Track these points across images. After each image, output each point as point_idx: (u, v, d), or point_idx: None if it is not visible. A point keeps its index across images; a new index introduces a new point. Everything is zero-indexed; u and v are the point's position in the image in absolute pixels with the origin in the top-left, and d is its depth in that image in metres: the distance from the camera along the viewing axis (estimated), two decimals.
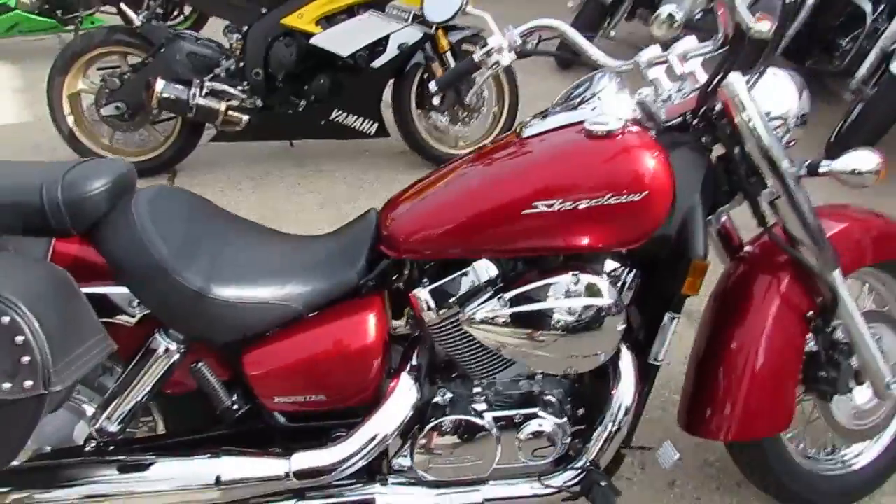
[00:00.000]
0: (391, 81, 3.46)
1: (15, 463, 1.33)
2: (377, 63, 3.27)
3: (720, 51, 1.42)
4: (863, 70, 3.62)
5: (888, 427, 1.86)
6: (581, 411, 1.57)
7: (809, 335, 1.65)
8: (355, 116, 3.42)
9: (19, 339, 1.13)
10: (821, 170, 1.51)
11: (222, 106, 3.26)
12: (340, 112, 3.40)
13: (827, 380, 1.66)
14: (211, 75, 3.26)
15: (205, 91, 3.23)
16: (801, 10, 3.89)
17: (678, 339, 1.56)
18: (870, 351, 1.65)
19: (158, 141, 3.49)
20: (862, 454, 1.86)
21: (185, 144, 3.45)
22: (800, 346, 1.63)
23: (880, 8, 3.97)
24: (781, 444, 1.72)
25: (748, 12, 1.29)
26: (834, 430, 1.78)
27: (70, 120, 3.42)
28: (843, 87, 3.99)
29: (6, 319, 1.12)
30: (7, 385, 1.13)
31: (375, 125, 3.47)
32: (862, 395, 1.75)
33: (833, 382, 1.65)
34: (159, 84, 3.15)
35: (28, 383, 1.14)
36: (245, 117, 3.32)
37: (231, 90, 3.28)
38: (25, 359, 1.13)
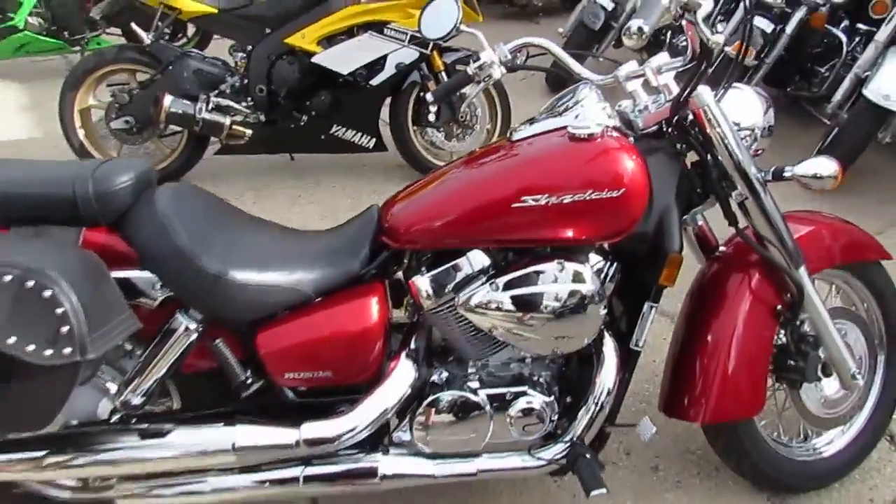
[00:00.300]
0: (389, 99, 3.62)
1: (48, 430, 1.45)
2: (375, 81, 3.43)
3: (689, 65, 1.58)
4: (838, 95, 3.80)
5: (856, 418, 2.00)
6: (567, 392, 1.70)
7: (779, 328, 1.79)
8: (354, 131, 3.58)
9: (59, 310, 1.26)
10: (785, 174, 1.67)
11: (227, 120, 3.40)
12: (340, 127, 3.55)
13: (795, 368, 1.80)
14: (216, 91, 3.42)
15: (210, 106, 3.37)
16: (779, 40, 4.06)
17: (661, 338, 1.70)
18: (835, 343, 1.78)
19: (165, 154, 3.63)
20: (832, 443, 1.98)
21: (191, 157, 3.59)
22: (769, 337, 1.77)
23: (856, 39, 4.16)
24: (755, 429, 1.84)
25: (706, 27, 1.44)
26: (804, 419, 1.91)
27: (81, 133, 3.57)
28: (821, 112, 4.17)
29: (48, 293, 1.25)
30: (48, 352, 1.25)
31: (374, 140, 3.63)
32: (830, 386, 1.88)
33: (801, 371, 1.79)
34: (167, 99, 3.30)
35: (67, 350, 1.26)
36: (248, 131, 3.47)
37: (235, 105, 3.43)
38: (65, 328, 1.26)
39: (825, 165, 1.62)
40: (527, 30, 6.53)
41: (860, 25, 4.14)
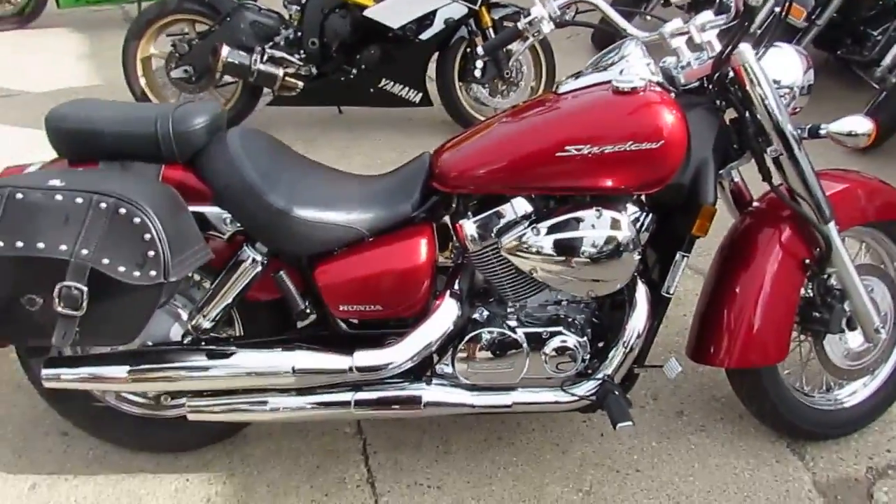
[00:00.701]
0: (436, 54, 3.69)
1: (130, 346, 1.62)
2: (424, 35, 3.51)
3: (732, 23, 1.63)
4: (888, 59, 3.75)
5: (879, 372, 2.07)
6: (600, 334, 1.81)
7: (806, 281, 1.87)
8: (402, 86, 3.67)
9: (147, 236, 1.41)
10: (821, 132, 1.72)
11: (280, 72, 3.52)
12: (388, 81, 3.65)
13: (820, 320, 1.88)
14: (271, 43, 3.53)
15: (265, 58, 3.49)
16: (831, 1, 4.00)
17: (693, 293, 1.76)
18: (860, 297, 1.86)
19: (220, 103, 3.78)
20: (854, 394, 2.06)
21: (245, 107, 3.74)
22: (796, 288, 1.85)
23: None
24: (778, 377, 1.92)
25: None
26: (826, 370, 1.99)
27: (142, 81, 3.74)
28: (870, 76, 4.11)
29: (137, 220, 1.40)
30: (137, 273, 1.41)
31: (420, 95, 3.72)
32: (854, 339, 1.96)
33: (826, 322, 1.87)
34: (224, 50, 3.43)
35: (152, 273, 1.41)
36: (300, 83, 3.59)
37: (289, 57, 3.54)
38: (151, 252, 1.41)
39: (859, 123, 1.67)
40: None
41: None
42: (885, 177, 2.01)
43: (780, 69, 1.72)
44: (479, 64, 3.61)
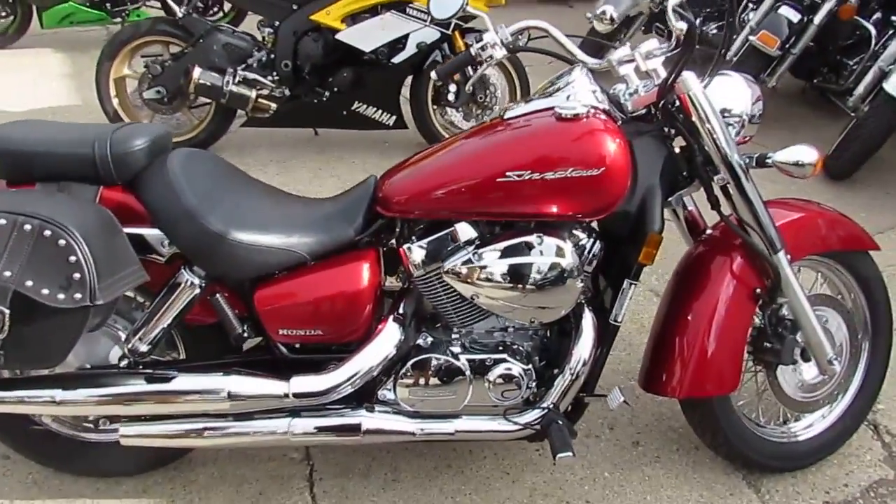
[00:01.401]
0: (410, 78, 3.70)
1: (62, 369, 1.59)
2: (397, 59, 3.53)
3: (676, 50, 1.64)
4: (861, 88, 3.78)
5: (837, 405, 2.05)
6: (546, 362, 1.78)
7: (758, 311, 1.85)
8: (375, 108, 3.68)
9: (72, 258, 1.39)
10: (767, 161, 1.72)
11: (253, 94, 3.53)
12: (361, 104, 3.66)
13: (772, 350, 1.86)
14: (244, 65, 3.54)
15: (238, 79, 3.50)
16: (806, 30, 4.03)
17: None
18: (813, 327, 1.84)
19: (193, 124, 3.78)
20: (811, 426, 2.04)
21: (218, 128, 3.74)
22: (747, 318, 1.83)
23: (889, 31, 4.10)
24: (731, 407, 1.90)
25: (673, 16, 1.52)
26: (780, 401, 1.97)
27: (115, 102, 3.74)
28: (845, 104, 4.14)
29: (62, 242, 1.38)
30: (61, 296, 1.39)
31: (394, 118, 3.73)
32: (808, 371, 1.94)
33: (777, 353, 1.85)
34: (197, 71, 3.44)
35: (77, 296, 1.39)
36: (273, 105, 3.60)
37: (262, 79, 3.55)
38: (76, 275, 1.39)
39: (806, 153, 1.67)
40: (558, 14, 6.53)
41: (895, 18, 4.09)
42: (857, 205, 2.00)
43: (728, 98, 1.73)
44: (453, 88, 3.62)
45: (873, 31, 4.05)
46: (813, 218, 1.91)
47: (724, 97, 1.71)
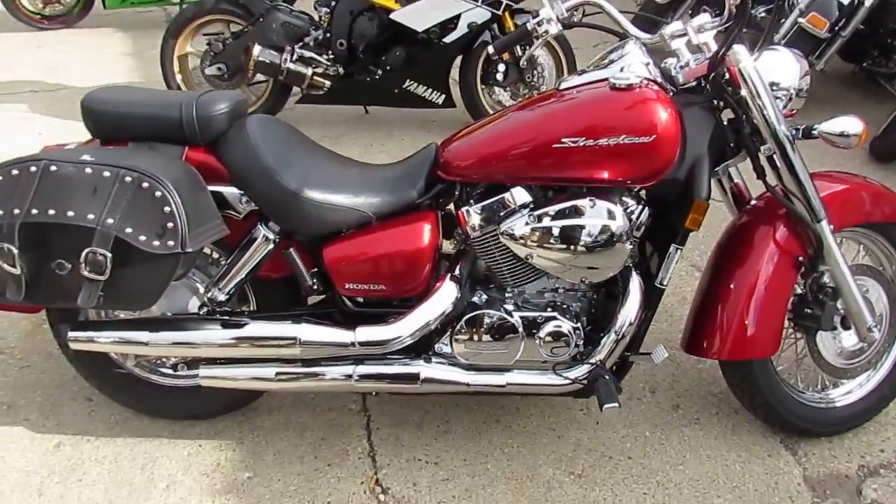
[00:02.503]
0: (460, 58, 3.80)
1: (149, 313, 1.75)
2: (448, 39, 3.62)
3: (728, 24, 1.71)
4: None
5: (876, 373, 2.11)
6: (594, 322, 1.88)
7: (800, 278, 1.92)
8: (425, 87, 3.79)
9: (167, 209, 1.53)
10: (813, 132, 1.78)
11: (309, 71, 3.66)
12: (412, 83, 3.77)
13: (812, 316, 1.93)
14: (301, 44, 3.68)
15: (295, 57, 3.64)
16: (857, 13, 4.01)
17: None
18: (853, 295, 1.90)
19: (251, 100, 3.93)
20: (850, 393, 2.10)
21: (275, 104, 3.89)
22: (789, 284, 1.90)
23: None
24: (770, 371, 1.97)
25: None
26: (819, 367, 2.03)
27: (178, 78, 3.92)
28: (894, 88, 4.12)
29: (158, 193, 1.52)
30: (156, 242, 1.53)
31: (443, 96, 3.83)
32: (848, 338, 2.00)
33: (817, 319, 1.92)
34: (256, 49, 3.58)
35: (170, 243, 1.53)
36: (328, 83, 3.73)
37: (317, 57, 3.68)
38: (170, 224, 1.53)
39: (851, 123, 1.72)
40: None
41: None
42: None
43: (776, 71, 1.78)
44: (501, 67, 3.71)
45: None
46: (857, 190, 1.96)
47: (773, 71, 1.77)
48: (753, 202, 1.97)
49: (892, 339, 2.09)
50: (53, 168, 1.53)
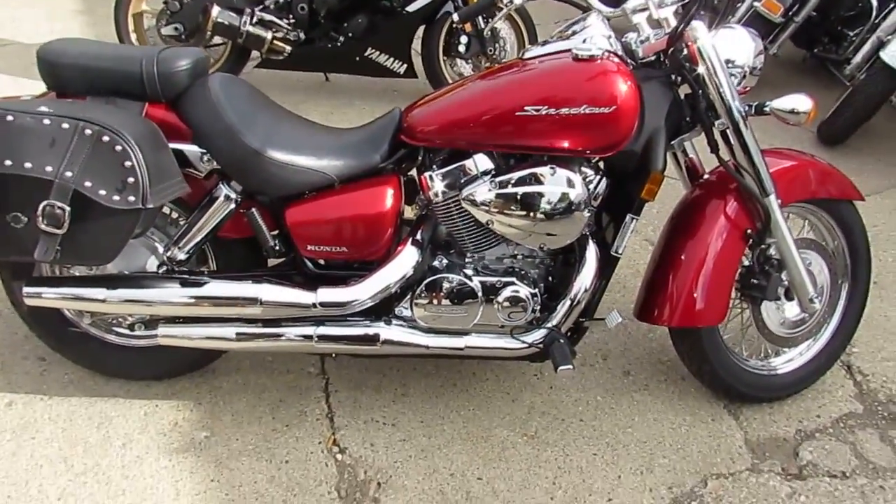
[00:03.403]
0: (423, 28, 3.78)
1: (108, 269, 1.73)
2: (411, 7, 3.60)
3: (687, 0, 1.75)
4: (858, 57, 3.89)
5: (815, 343, 2.21)
6: (551, 289, 1.93)
7: (747, 250, 2.00)
8: (387, 56, 3.77)
9: (127, 163, 1.51)
10: (765, 108, 1.84)
11: (269, 35, 3.61)
12: (374, 51, 3.75)
13: (758, 286, 2.02)
14: (261, 6, 3.61)
15: (255, 20, 3.58)
16: None
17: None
18: (797, 267, 1.99)
19: (209, 63, 3.84)
20: (790, 361, 2.20)
21: (233, 68, 3.81)
22: (737, 256, 1.98)
23: (891, 5, 4.20)
24: (717, 339, 2.05)
25: None
26: (763, 335, 2.13)
27: (133, 37, 3.81)
28: (842, 73, 4.25)
29: (119, 147, 1.51)
30: (116, 197, 1.51)
31: (405, 66, 3.81)
32: (791, 309, 2.10)
33: (763, 289, 2.01)
34: (215, 10, 3.51)
35: (131, 198, 1.52)
36: (288, 48, 3.68)
37: (278, 21, 3.63)
38: (130, 179, 1.51)
39: (801, 101, 1.79)
40: None
41: None
42: (848, 169, 2.14)
43: (733, 49, 1.84)
44: (464, 39, 3.71)
45: (874, 3, 4.14)
46: (804, 167, 2.04)
47: (729, 48, 1.82)
48: (706, 176, 2.04)
49: (831, 311, 2.20)
50: (10, 118, 1.49)
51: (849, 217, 2.14)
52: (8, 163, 1.48)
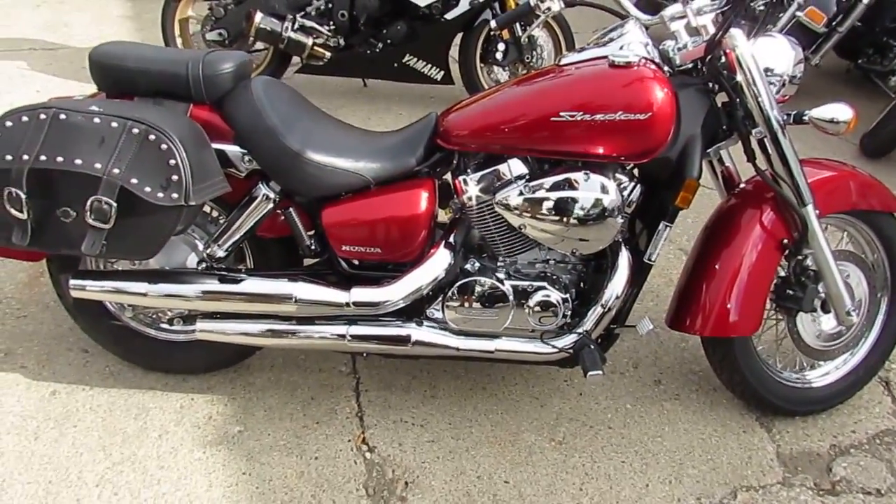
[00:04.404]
0: (460, 35, 3.82)
1: (150, 264, 1.78)
2: (450, 15, 3.65)
3: (727, 7, 1.75)
4: None
5: (852, 357, 2.18)
6: (583, 295, 1.93)
7: (784, 260, 1.98)
8: (425, 62, 3.82)
9: (172, 161, 1.56)
10: (804, 118, 1.83)
11: (309, 41, 3.68)
12: (412, 57, 3.80)
13: (794, 297, 1.99)
14: (302, 13, 3.69)
15: (296, 26, 3.65)
16: (854, 9, 4.06)
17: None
18: (834, 279, 1.96)
19: (252, 67, 3.93)
20: (826, 375, 2.17)
21: (275, 72, 3.89)
22: (773, 266, 1.96)
23: None
24: (750, 349, 2.03)
25: None
26: (798, 348, 2.10)
27: (178, 42, 3.93)
28: (888, 85, 4.18)
29: (164, 146, 1.56)
30: (160, 194, 1.56)
31: (442, 73, 3.86)
32: (827, 321, 2.07)
33: (799, 300, 1.99)
34: (258, 16, 3.59)
35: (174, 195, 1.57)
36: (328, 54, 3.75)
37: (319, 28, 3.70)
38: (175, 177, 1.56)
39: (841, 110, 1.77)
40: None
41: None
42: (891, 183, 2.10)
43: (772, 57, 1.83)
44: (501, 46, 3.74)
45: None
46: (844, 178, 2.01)
47: (768, 56, 1.81)
48: (742, 185, 2.03)
49: (869, 324, 2.16)
50: (63, 116, 1.55)
51: (889, 230, 2.10)
52: (60, 159, 1.54)
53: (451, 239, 1.89)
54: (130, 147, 1.55)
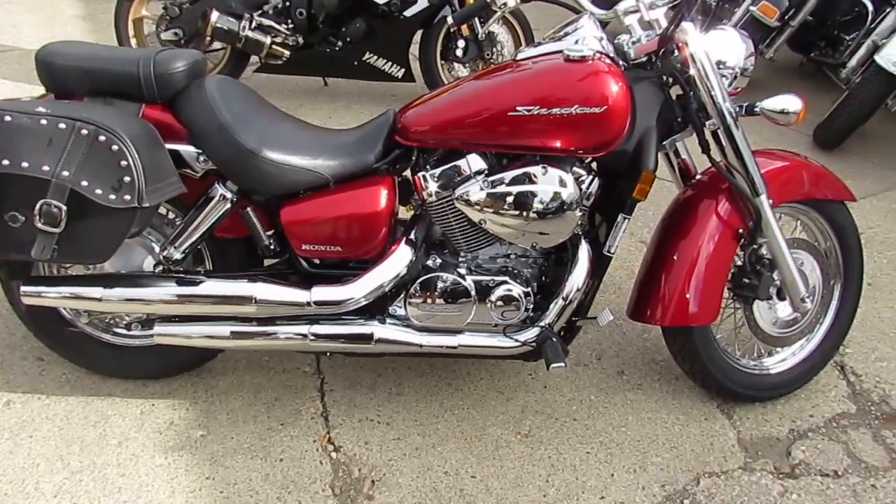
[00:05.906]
0: (420, 32, 3.81)
1: (103, 268, 1.75)
2: (409, 12, 3.64)
3: (678, 2, 1.77)
4: (853, 61, 3.92)
5: (807, 343, 2.23)
6: (544, 288, 1.94)
7: (739, 249, 2.02)
8: (385, 60, 3.80)
9: (123, 163, 1.53)
10: (755, 109, 1.86)
11: (267, 40, 3.64)
12: (372, 55, 3.78)
13: (750, 286, 2.03)
14: (260, 11, 3.65)
15: (253, 25, 3.61)
16: (805, 3, 4.16)
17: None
18: (789, 267, 2.00)
19: (208, 68, 3.87)
20: (783, 361, 2.21)
21: (233, 72, 3.84)
22: (729, 256, 1.99)
23: (887, 9, 4.22)
24: (709, 338, 2.06)
25: None
26: (755, 335, 2.14)
27: (133, 42, 3.86)
28: (838, 77, 4.28)
29: (115, 147, 1.53)
30: (112, 196, 1.53)
31: (403, 70, 3.85)
32: (783, 308, 2.12)
33: (755, 289, 2.02)
34: (214, 15, 3.54)
35: (127, 197, 1.54)
36: (287, 52, 3.72)
37: (277, 26, 3.66)
38: (127, 178, 1.53)
39: (791, 101, 1.81)
40: None
41: None
42: (843, 173, 2.16)
43: (723, 50, 1.86)
44: (461, 43, 3.74)
45: (870, 7, 4.18)
46: (797, 168, 2.06)
47: (720, 50, 1.85)
48: (698, 177, 2.06)
49: (824, 311, 2.21)
50: (8, 118, 1.51)
51: (841, 218, 2.15)
52: (5, 162, 1.50)
53: (412, 235, 1.89)
54: (80, 148, 1.51)
